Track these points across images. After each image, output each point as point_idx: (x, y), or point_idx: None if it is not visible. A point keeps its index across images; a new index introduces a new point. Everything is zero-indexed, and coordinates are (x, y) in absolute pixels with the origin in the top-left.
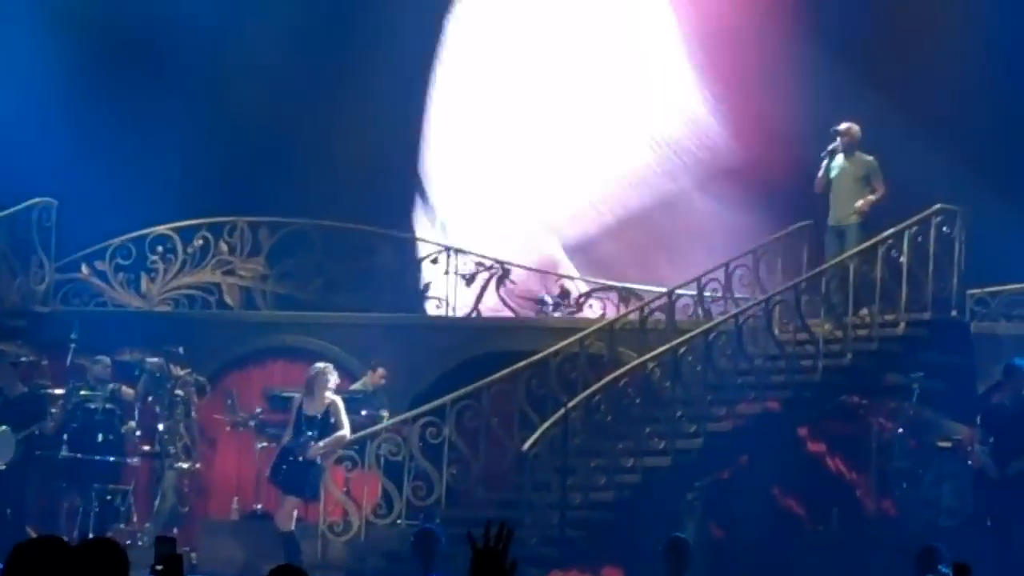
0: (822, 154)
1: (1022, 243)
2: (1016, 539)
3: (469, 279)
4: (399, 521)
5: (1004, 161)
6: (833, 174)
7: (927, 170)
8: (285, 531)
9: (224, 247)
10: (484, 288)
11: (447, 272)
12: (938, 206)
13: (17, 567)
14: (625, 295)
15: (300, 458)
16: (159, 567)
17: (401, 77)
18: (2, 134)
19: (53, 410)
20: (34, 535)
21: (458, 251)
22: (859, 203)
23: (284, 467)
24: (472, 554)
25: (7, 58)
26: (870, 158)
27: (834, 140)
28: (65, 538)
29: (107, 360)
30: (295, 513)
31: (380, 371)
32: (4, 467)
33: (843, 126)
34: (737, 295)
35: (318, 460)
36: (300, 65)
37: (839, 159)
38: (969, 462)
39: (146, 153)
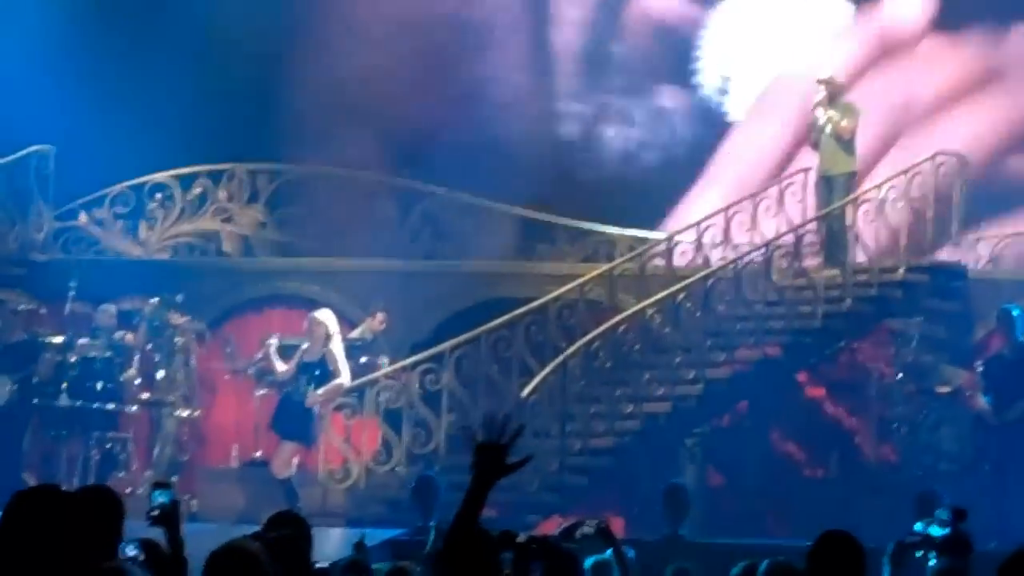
0: (810, 110)
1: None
2: (1013, 484)
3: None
4: (398, 468)
5: None
6: (820, 123)
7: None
8: (282, 477)
9: (222, 194)
10: None
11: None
12: (937, 151)
13: (16, 514)
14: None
15: (296, 401)
16: (155, 512)
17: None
18: (3, 81)
19: (47, 355)
20: (31, 482)
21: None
22: (844, 123)
23: (282, 413)
24: (473, 448)
25: (3, 6)
26: (852, 103)
27: (819, 91)
28: (64, 486)
29: (112, 309)
30: (294, 460)
31: (380, 316)
32: None
33: (825, 76)
34: (736, 241)
35: (316, 407)
36: (300, 9)
37: (825, 110)
38: (968, 407)
39: (144, 100)
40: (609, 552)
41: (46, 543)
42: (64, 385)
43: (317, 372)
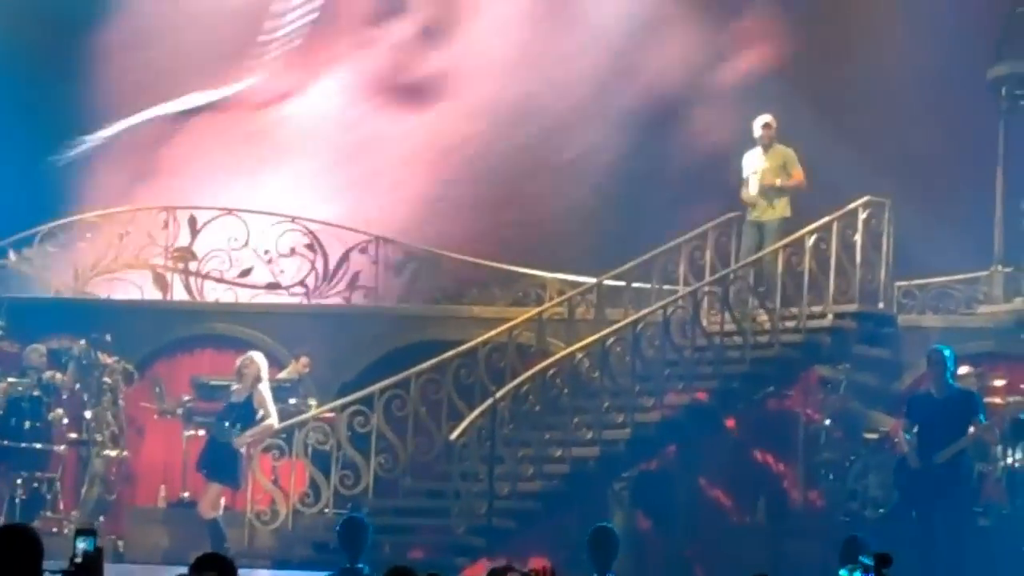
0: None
1: (949, 235)
2: (939, 528)
3: (399, 269)
4: (327, 510)
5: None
6: (752, 170)
7: (853, 168)
8: (208, 518)
9: (152, 234)
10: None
11: (376, 261)
12: (866, 198)
13: None
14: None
15: (220, 442)
16: (78, 559)
17: None
18: None
19: None
20: None
21: (387, 240)
22: (778, 182)
23: (208, 454)
24: None
25: None
26: (788, 149)
27: (755, 135)
28: None
29: (43, 348)
30: (221, 501)
31: (304, 360)
32: None
33: (762, 120)
34: (664, 286)
35: (241, 448)
36: None
37: (755, 155)
38: (895, 452)
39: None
40: None
41: None
42: None
43: (242, 414)
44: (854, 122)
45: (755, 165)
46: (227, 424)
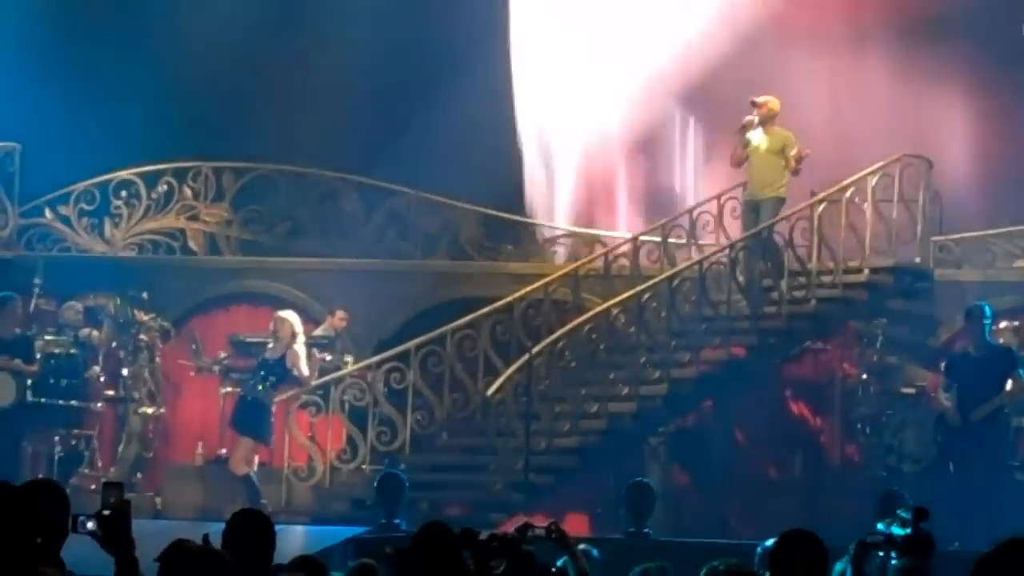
0: (737, 129)
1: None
2: (976, 483)
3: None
4: (363, 466)
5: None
6: (750, 147)
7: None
8: (240, 474)
9: (188, 192)
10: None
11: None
12: (903, 154)
13: None
14: (589, 240)
15: (250, 398)
16: (106, 512)
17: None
18: None
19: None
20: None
21: (424, 197)
22: (794, 152)
23: (239, 410)
24: None
25: None
26: (787, 132)
27: (750, 113)
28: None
29: (79, 306)
30: (254, 457)
31: (340, 314)
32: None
33: (760, 99)
34: (701, 241)
35: (271, 404)
36: (265, 4)
37: (757, 133)
38: (932, 408)
39: (110, 96)
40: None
41: None
42: (29, 382)
43: (275, 371)
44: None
45: (755, 141)
46: (257, 380)
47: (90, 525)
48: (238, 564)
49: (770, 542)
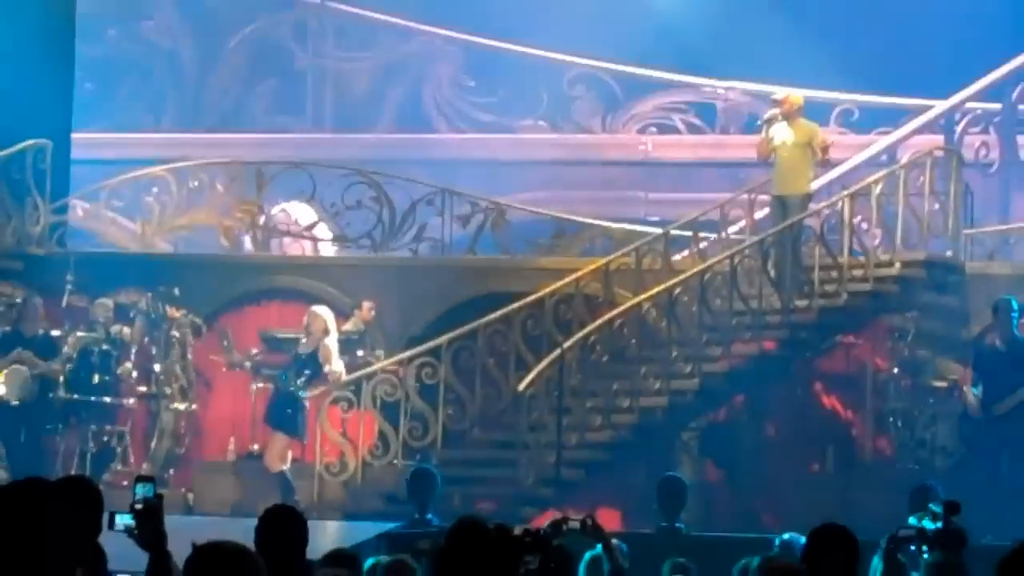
0: (759, 122)
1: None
2: (1005, 477)
3: (465, 221)
4: (395, 462)
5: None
6: (775, 143)
7: None
8: (275, 471)
9: (219, 188)
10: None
11: (442, 214)
12: (932, 147)
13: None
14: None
15: (283, 394)
16: (138, 506)
17: None
18: None
19: (65, 350)
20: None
21: (454, 193)
22: (820, 138)
23: (273, 406)
24: None
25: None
26: (813, 124)
27: (772, 108)
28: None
29: (110, 303)
30: (288, 453)
31: (367, 306)
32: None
33: (781, 94)
34: (732, 235)
35: (303, 397)
36: None
37: (781, 128)
38: (961, 402)
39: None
40: (600, 547)
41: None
42: (61, 379)
43: (309, 366)
44: None
45: (781, 136)
46: (289, 376)
47: (126, 521)
48: (270, 562)
49: (787, 535)
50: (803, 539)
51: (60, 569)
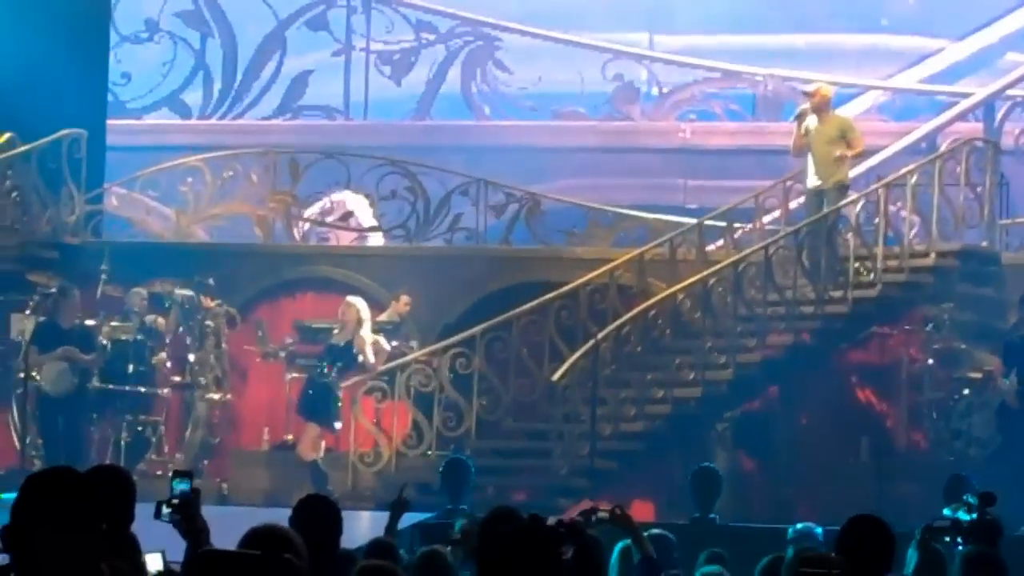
0: (791, 118)
1: None
2: None
3: (500, 210)
4: (429, 452)
5: None
6: (808, 136)
7: None
8: (308, 460)
9: (254, 178)
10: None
11: (476, 204)
12: (970, 137)
13: (29, 495)
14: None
15: (317, 384)
16: (175, 500)
17: None
18: (34, 66)
19: (103, 342)
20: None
21: (488, 183)
22: (838, 153)
23: (306, 396)
24: None
25: None
26: (845, 116)
27: (804, 102)
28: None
29: (144, 292)
30: (321, 443)
31: (404, 299)
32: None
33: (812, 87)
34: (767, 225)
35: (337, 388)
36: None
37: (812, 121)
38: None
39: None
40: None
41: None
42: (95, 369)
43: (343, 357)
44: None
45: (812, 129)
46: (324, 366)
47: (169, 512)
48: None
49: (800, 525)
50: (818, 528)
51: (82, 561)
